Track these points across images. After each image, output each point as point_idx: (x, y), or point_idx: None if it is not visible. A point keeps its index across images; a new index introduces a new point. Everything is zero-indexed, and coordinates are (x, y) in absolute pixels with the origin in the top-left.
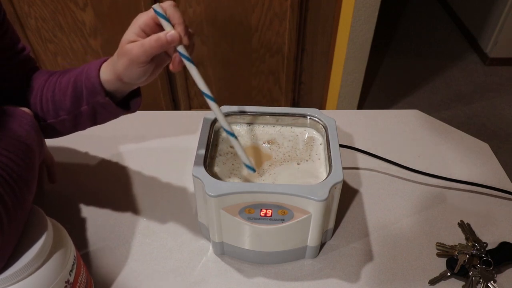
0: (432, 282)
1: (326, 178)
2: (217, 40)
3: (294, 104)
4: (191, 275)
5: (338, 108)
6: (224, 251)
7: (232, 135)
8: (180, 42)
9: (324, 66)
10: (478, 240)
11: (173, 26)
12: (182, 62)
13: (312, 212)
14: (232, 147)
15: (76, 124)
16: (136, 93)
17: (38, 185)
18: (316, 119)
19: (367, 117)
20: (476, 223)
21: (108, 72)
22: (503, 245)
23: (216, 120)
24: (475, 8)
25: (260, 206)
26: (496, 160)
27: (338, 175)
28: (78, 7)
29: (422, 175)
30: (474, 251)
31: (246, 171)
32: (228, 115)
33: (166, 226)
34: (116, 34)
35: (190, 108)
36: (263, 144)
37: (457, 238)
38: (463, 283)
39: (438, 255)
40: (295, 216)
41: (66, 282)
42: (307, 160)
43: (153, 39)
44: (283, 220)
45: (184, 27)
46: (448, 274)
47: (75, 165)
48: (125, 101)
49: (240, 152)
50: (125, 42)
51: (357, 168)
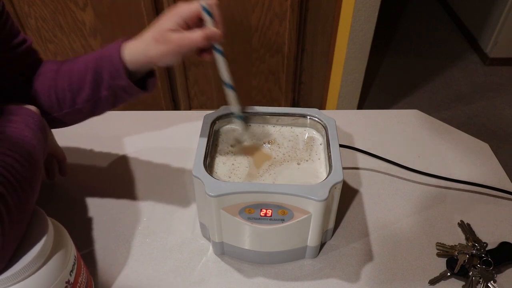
0: (432, 282)
1: (326, 178)
2: None
3: (294, 104)
4: (191, 275)
5: (338, 108)
6: (224, 251)
7: (241, 118)
8: (221, 39)
9: (324, 66)
10: (478, 240)
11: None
12: (212, 54)
13: (312, 212)
14: (232, 145)
15: (94, 109)
16: (151, 73)
17: (50, 177)
18: (316, 119)
19: (367, 117)
20: (476, 223)
21: (135, 54)
22: (503, 245)
23: (216, 120)
24: (475, 8)
25: (260, 206)
26: (496, 160)
27: (338, 175)
28: (78, 7)
29: (422, 175)
30: (474, 251)
31: (245, 171)
32: (228, 115)
33: (166, 226)
34: (116, 34)
35: (190, 108)
36: (263, 144)
37: (457, 238)
38: (463, 283)
39: (438, 255)
40: (295, 216)
41: (66, 283)
42: (307, 160)
43: (201, 36)
44: (283, 220)
45: (222, 26)
46: (448, 274)
47: (75, 165)
48: (140, 81)
49: (233, 103)
50: (165, 29)
51: (357, 168)
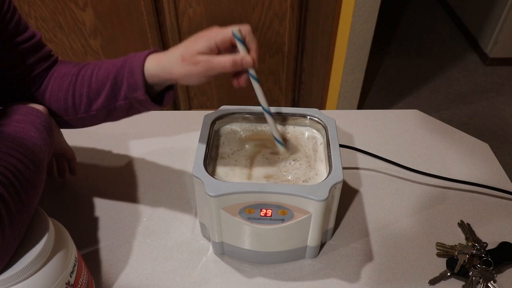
0: (432, 282)
1: (326, 178)
2: None
3: (294, 104)
4: (191, 275)
5: (338, 108)
6: (224, 251)
7: (280, 142)
8: (253, 66)
9: (324, 66)
10: (478, 240)
11: (248, 50)
12: (248, 80)
13: (312, 212)
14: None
15: (107, 117)
16: (169, 86)
17: (61, 176)
18: (316, 119)
19: (367, 117)
20: (476, 223)
21: (158, 69)
22: (503, 245)
23: (216, 120)
24: (475, 8)
25: (260, 206)
26: (496, 160)
27: (338, 175)
28: (78, 7)
29: (422, 175)
30: (474, 251)
31: (245, 171)
32: (228, 115)
33: (166, 226)
34: (116, 34)
35: (190, 108)
36: (263, 144)
37: (457, 238)
38: (463, 283)
39: (438, 255)
40: (295, 216)
41: (66, 284)
42: (307, 160)
43: (229, 61)
44: (283, 220)
45: (258, 52)
46: (448, 274)
47: None
48: (158, 95)
49: (272, 127)
50: (195, 51)
51: (357, 168)
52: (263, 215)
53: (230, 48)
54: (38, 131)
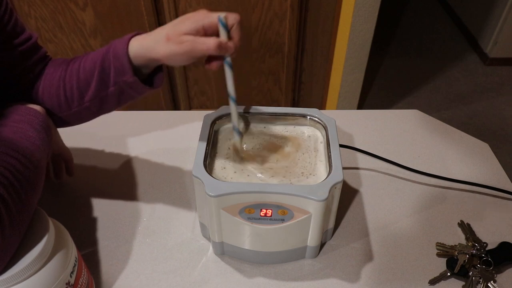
0: (432, 282)
1: (326, 178)
2: None
3: (294, 104)
4: (191, 275)
5: (338, 108)
6: (224, 251)
7: (237, 131)
8: (234, 53)
9: (324, 66)
10: (478, 240)
11: (229, 38)
12: (218, 66)
13: (312, 212)
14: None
15: (101, 107)
16: (158, 68)
17: (58, 177)
18: (316, 119)
19: (367, 117)
20: (476, 223)
21: (142, 49)
22: (503, 245)
23: (216, 120)
24: (475, 8)
25: (260, 206)
26: (496, 160)
27: (338, 175)
28: (78, 7)
29: (422, 175)
30: (474, 251)
31: (245, 171)
32: (228, 115)
33: (166, 226)
34: (116, 34)
35: (190, 108)
36: (263, 144)
37: (457, 238)
38: (463, 283)
39: (438, 255)
40: (295, 216)
41: (66, 284)
42: (307, 160)
43: (214, 43)
44: (283, 220)
45: (239, 43)
46: (448, 274)
47: (75, 165)
48: (148, 78)
49: (233, 115)
50: (181, 31)
51: (357, 168)
52: (263, 215)
53: (217, 32)
54: (37, 131)
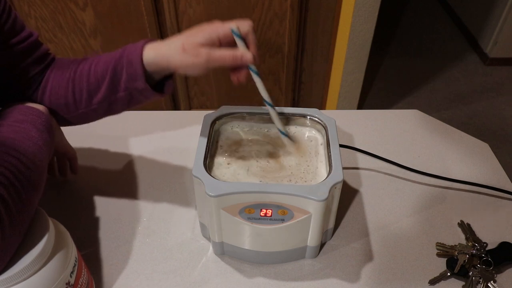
0: (432, 282)
1: (326, 178)
2: None
3: (294, 104)
4: (191, 275)
5: (338, 108)
6: (224, 251)
7: (284, 134)
8: (253, 62)
9: (324, 66)
10: (478, 240)
11: (247, 46)
12: (248, 75)
13: (312, 212)
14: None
15: (109, 110)
16: (167, 75)
17: (62, 175)
18: (316, 119)
19: (367, 117)
20: (476, 223)
21: (156, 57)
22: (503, 245)
23: (216, 120)
24: (475, 8)
25: (260, 206)
26: (496, 160)
27: (338, 175)
28: (78, 7)
29: (422, 175)
30: (474, 251)
31: (245, 170)
32: (227, 115)
33: (166, 226)
34: (116, 34)
35: (190, 108)
36: (263, 144)
37: (457, 238)
38: (463, 283)
39: (438, 255)
40: (295, 216)
41: (66, 284)
42: (307, 160)
43: (229, 56)
44: (283, 220)
45: (256, 49)
46: (448, 274)
47: None
48: (157, 84)
49: (276, 120)
50: (197, 43)
51: (357, 168)
52: (263, 215)
53: (232, 42)
54: (39, 131)
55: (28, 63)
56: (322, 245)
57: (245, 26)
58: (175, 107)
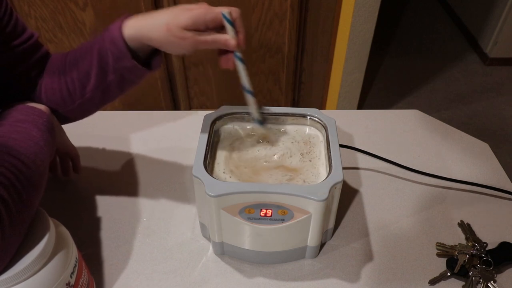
0: (432, 282)
1: (326, 178)
2: None
3: (294, 104)
4: (191, 275)
5: (338, 108)
6: (224, 251)
7: (259, 121)
8: (237, 49)
9: (324, 66)
10: (478, 240)
11: (236, 31)
12: (234, 62)
13: (312, 212)
14: (232, 144)
15: (104, 96)
16: (156, 51)
17: (65, 174)
18: (316, 119)
19: (367, 117)
20: (476, 223)
21: (137, 33)
22: (503, 245)
23: (216, 120)
24: (475, 8)
25: (260, 206)
26: (496, 160)
27: (338, 175)
28: (78, 7)
29: (422, 175)
30: (474, 251)
31: (245, 170)
32: (227, 115)
33: (166, 226)
34: None
35: (190, 108)
36: (263, 144)
37: (457, 238)
38: (463, 283)
39: (438, 255)
40: (295, 216)
41: (67, 285)
42: (308, 160)
43: (211, 39)
44: (283, 220)
45: (244, 35)
46: (448, 274)
47: None
48: (145, 61)
49: (252, 106)
50: (182, 24)
51: (357, 168)
52: (263, 215)
53: (219, 26)
54: (40, 131)
55: (29, 64)
56: (322, 245)
57: (234, 12)
58: (175, 107)
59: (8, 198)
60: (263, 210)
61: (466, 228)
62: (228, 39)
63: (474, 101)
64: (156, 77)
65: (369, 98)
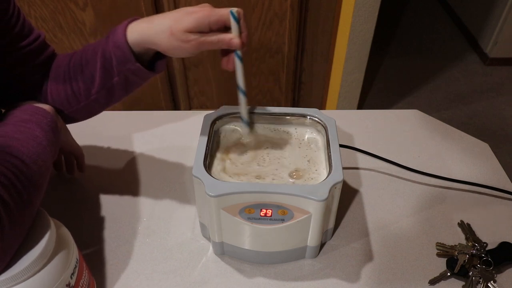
0: (432, 282)
1: (326, 178)
2: None
3: (294, 104)
4: (191, 275)
5: (338, 108)
6: (224, 251)
7: (247, 123)
8: (240, 48)
9: (324, 66)
10: (478, 240)
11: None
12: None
13: (312, 212)
14: (231, 145)
15: (109, 98)
16: (160, 53)
17: (70, 172)
18: (316, 119)
19: (367, 117)
20: (476, 223)
21: (141, 38)
22: (503, 245)
23: (216, 120)
24: (475, 8)
25: (260, 206)
26: (496, 160)
27: (338, 175)
28: (78, 7)
29: (422, 175)
30: (474, 251)
31: (240, 174)
32: (227, 115)
33: (166, 226)
34: None
35: (190, 108)
36: (263, 144)
37: (457, 238)
38: (463, 283)
39: (438, 255)
40: (295, 216)
41: (67, 285)
42: (307, 160)
43: (216, 39)
44: (283, 220)
45: (247, 35)
46: (448, 274)
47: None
48: (149, 63)
49: (243, 107)
50: (185, 28)
51: (357, 168)
52: (263, 215)
53: (222, 28)
54: (44, 131)
55: (35, 64)
56: (322, 245)
57: (240, 12)
58: (175, 107)
59: (8, 198)
60: (263, 210)
61: (466, 228)
62: (232, 38)
63: (474, 101)
64: (156, 77)
65: (369, 98)
